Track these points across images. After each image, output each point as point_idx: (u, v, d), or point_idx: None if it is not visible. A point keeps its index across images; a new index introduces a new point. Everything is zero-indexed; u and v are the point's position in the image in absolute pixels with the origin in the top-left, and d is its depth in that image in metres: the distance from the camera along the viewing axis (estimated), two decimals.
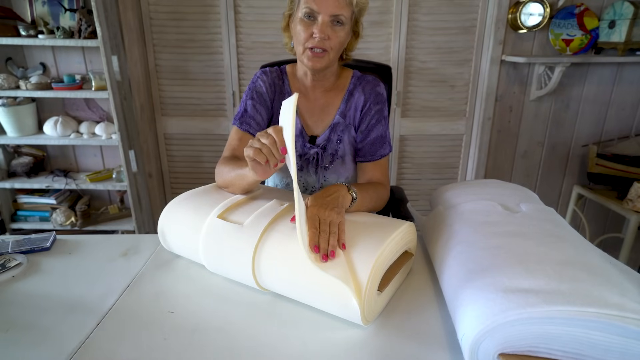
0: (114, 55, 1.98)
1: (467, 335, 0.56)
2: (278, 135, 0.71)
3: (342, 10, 0.91)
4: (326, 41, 0.92)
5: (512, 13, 2.02)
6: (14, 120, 2.05)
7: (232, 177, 0.87)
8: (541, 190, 2.37)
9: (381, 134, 1.04)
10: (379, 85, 1.07)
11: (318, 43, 0.91)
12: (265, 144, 0.71)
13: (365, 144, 1.04)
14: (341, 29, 0.93)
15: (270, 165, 0.73)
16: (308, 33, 0.92)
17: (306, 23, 0.92)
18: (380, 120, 1.04)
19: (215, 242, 0.77)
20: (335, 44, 0.93)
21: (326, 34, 0.91)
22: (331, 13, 0.90)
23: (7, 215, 2.21)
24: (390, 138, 1.07)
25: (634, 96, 2.17)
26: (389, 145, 1.06)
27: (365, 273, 0.64)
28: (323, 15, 0.90)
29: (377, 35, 2.10)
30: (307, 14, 0.91)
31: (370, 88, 1.05)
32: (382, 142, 1.04)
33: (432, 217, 0.93)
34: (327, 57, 0.94)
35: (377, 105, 1.05)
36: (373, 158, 1.04)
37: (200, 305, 0.73)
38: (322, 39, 0.91)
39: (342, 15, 0.91)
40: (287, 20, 1.01)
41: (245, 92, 1.07)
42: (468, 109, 2.25)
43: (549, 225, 0.75)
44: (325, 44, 0.92)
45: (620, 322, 0.49)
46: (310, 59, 0.94)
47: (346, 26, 0.94)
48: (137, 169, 2.18)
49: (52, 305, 0.73)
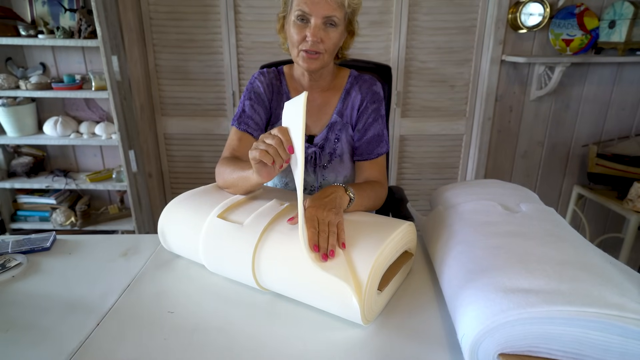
0: (114, 55, 1.98)
1: (467, 335, 0.56)
2: (284, 135, 0.71)
3: (335, 12, 0.91)
4: (319, 44, 0.92)
5: (512, 13, 2.02)
6: (14, 120, 2.05)
7: (234, 179, 0.87)
8: (541, 190, 2.37)
9: (378, 132, 1.04)
10: (376, 84, 1.07)
11: (311, 46, 0.92)
12: (271, 145, 0.71)
13: (362, 142, 1.04)
14: (334, 31, 0.93)
15: (276, 166, 0.73)
16: (301, 36, 0.92)
17: (299, 26, 0.92)
18: (377, 119, 1.04)
19: (215, 242, 0.77)
20: (329, 45, 0.93)
21: (319, 37, 0.91)
22: (323, 15, 0.90)
23: (7, 215, 2.21)
24: (387, 137, 1.07)
25: (634, 96, 2.17)
26: (386, 143, 1.06)
27: (365, 272, 0.64)
28: (315, 18, 0.90)
29: (377, 35, 2.10)
30: (300, 16, 0.91)
31: (367, 87, 1.05)
32: (379, 140, 1.04)
33: (432, 217, 0.93)
34: (321, 58, 0.94)
35: (374, 104, 1.05)
36: (370, 157, 1.04)
37: (200, 305, 0.73)
38: (315, 42, 0.91)
39: (335, 16, 0.91)
40: (282, 22, 1.01)
41: (243, 93, 1.07)
42: (468, 109, 2.25)
43: (549, 225, 0.75)
44: (318, 46, 0.92)
45: (620, 322, 0.49)
46: (304, 61, 0.94)
47: (339, 27, 0.94)
48: (137, 169, 2.18)
49: (52, 305, 0.73)
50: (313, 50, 0.92)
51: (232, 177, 0.87)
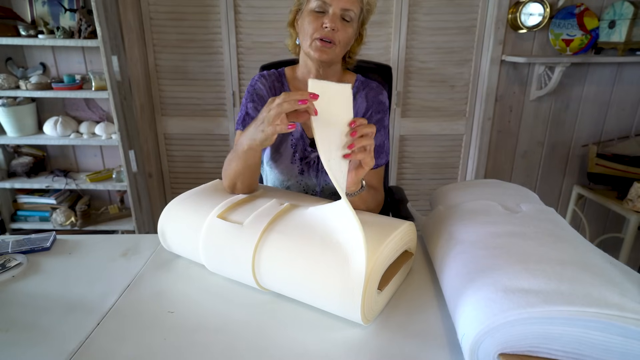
0: (114, 55, 1.98)
1: (467, 335, 0.56)
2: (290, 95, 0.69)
3: (353, 6, 0.93)
4: (335, 33, 0.93)
5: (512, 13, 2.02)
6: (14, 120, 2.05)
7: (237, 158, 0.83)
8: (541, 190, 2.37)
9: (379, 143, 1.04)
10: (382, 93, 1.07)
11: (327, 33, 0.93)
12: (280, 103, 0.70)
13: None
14: (349, 26, 0.95)
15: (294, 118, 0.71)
16: (318, 24, 0.93)
17: (316, 15, 0.94)
18: (379, 130, 1.04)
19: (215, 242, 0.77)
20: (343, 37, 0.95)
21: (336, 25, 0.93)
22: (342, 7, 0.93)
23: (7, 215, 2.21)
24: (389, 148, 1.07)
25: (634, 96, 2.17)
26: (387, 155, 1.06)
27: (364, 272, 0.64)
28: (334, 8, 0.93)
29: (377, 35, 2.10)
30: (319, 6, 0.93)
31: (373, 96, 1.05)
32: (380, 152, 1.04)
33: (432, 217, 0.93)
34: (333, 49, 0.95)
35: (379, 114, 1.05)
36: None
37: (200, 305, 0.73)
38: (331, 29, 0.92)
39: (352, 10, 0.94)
40: (295, 15, 1.02)
41: (244, 96, 1.07)
42: (468, 109, 2.25)
43: (549, 225, 0.75)
44: (334, 35, 0.93)
45: (620, 322, 0.49)
46: (317, 49, 0.95)
47: (354, 23, 0.96)
48: (137, 169, 2.18)
49: (52, 305, 0.73)
50: (329, 38, 0.93)
51: (234, 161, 0.85)
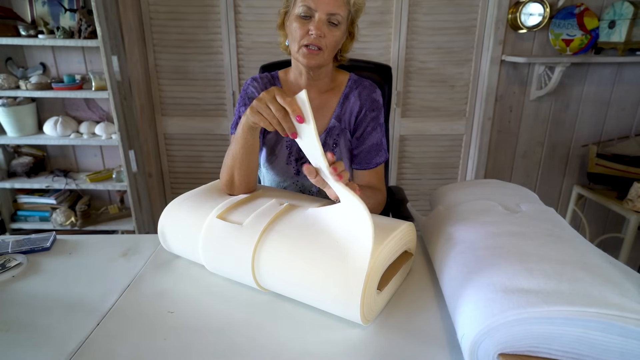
0: (114, 55, 1.98)
1: (467, 335, 0.56)
2: (292, 105, 0.70)
3: (339, 10, 0.91)
4: (322, 39, 0.91)
5: (512, 13, 2.02)
6: (14, 120, 2.05)
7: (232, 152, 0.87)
8: (541, 190, 2.37)
9: (376, 141, 1.03)
10: (375, 91, 1.06)
11: (314, 40, 0.91)
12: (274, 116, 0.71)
13: (361, 151, 1.04)
14: (337, 29, 0.93)
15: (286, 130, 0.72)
16: (304, 30, 0.91)
17: (302, 21, 0.91)
18: (375, 128, 1.03)
19: (215, 242, 0.77)
20: (331, 42, 0.93)
21: (322, 31, 0.91)
22: (328, 11, 0.90)
23: (7, 215, 2.21)
24: (386, 145, 1.06)
25: (634, 96, 2.17)
26: (385, 152, 1.05)
27: (364, 272, 0.64)
28: (320, 13, 0.90)
29: (377, 35, 2.10)
30: (304, 11, 0.91)
31: (367, 94, 1.04)
32: (378, 149, 1.03)
33: (432, 217, 0.93)
34: (321, 55, 0.94)
35: (373, 112, 1.04)
36: (369, 166, 1.03)
37: (200, 305, 0.73)
38: (317, 36, 0.90)
39: (339, 14, 0.91)
40: (283, 18, 1.00)
41: (237, 100, 1.06)
42: (468, 109, 2.25)
43: (549, 225, 0.75)
44: (320, 41, 0.91)
45: (620, 322, 0.49)
46: (305, 56, 0.93)
47: (342, 26, 0.94)
48: (137, 169, 2.18)
49: (52, 305, 0.73)
50: (315, 45, 0.91)
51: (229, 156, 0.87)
